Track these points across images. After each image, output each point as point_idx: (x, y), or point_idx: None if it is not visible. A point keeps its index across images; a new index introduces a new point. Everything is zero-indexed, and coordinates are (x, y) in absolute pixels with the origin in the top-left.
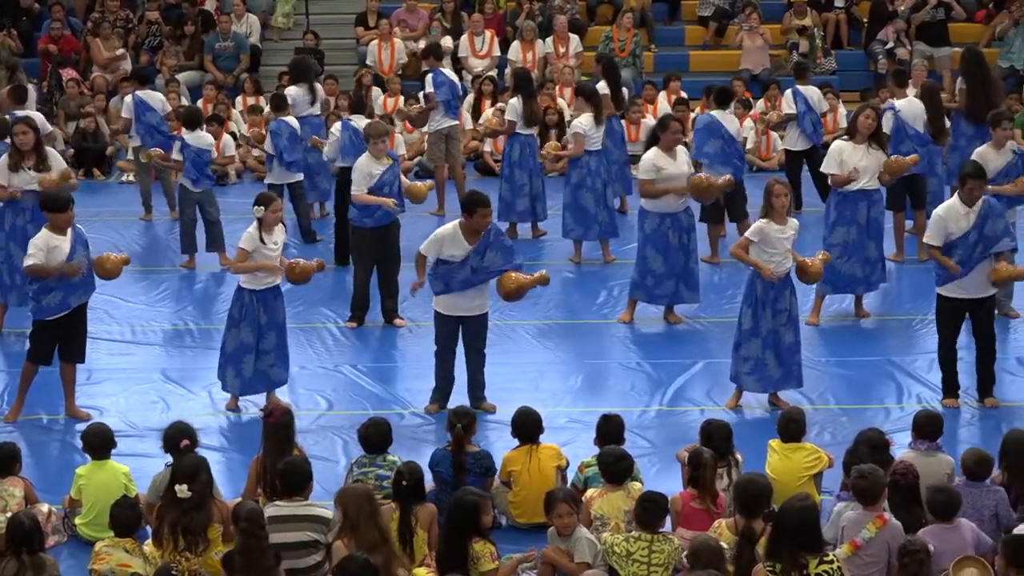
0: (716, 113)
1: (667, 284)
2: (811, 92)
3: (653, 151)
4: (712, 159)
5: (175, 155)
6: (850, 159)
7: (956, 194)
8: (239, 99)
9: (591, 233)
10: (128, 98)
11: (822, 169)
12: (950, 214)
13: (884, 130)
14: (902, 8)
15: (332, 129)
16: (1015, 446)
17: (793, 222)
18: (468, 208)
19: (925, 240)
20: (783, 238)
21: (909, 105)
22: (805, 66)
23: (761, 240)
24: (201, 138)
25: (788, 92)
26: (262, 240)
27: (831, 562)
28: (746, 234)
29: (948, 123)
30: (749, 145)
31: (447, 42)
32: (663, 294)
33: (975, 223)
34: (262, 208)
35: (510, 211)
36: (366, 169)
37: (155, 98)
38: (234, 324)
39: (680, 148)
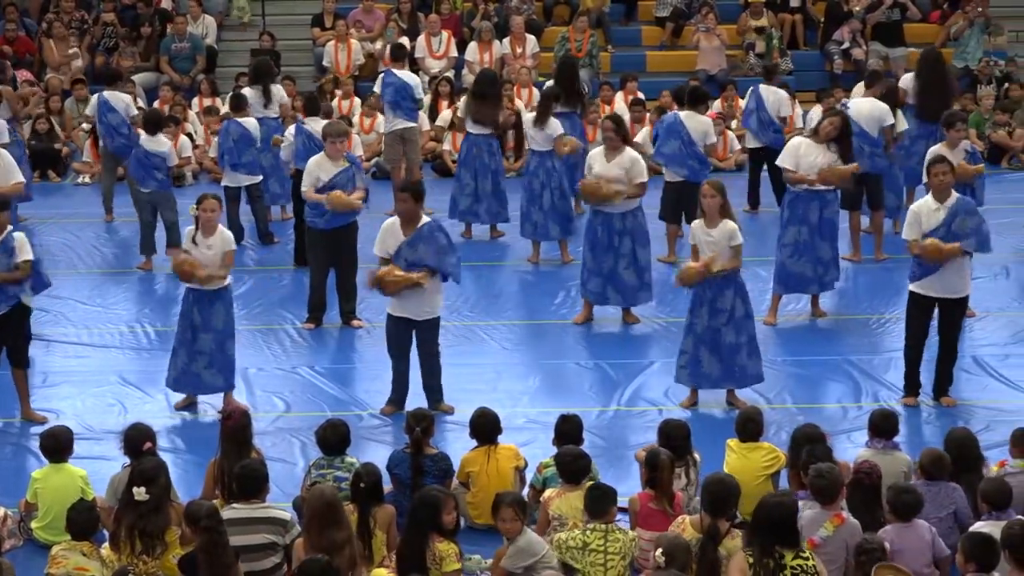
0: (683, 114)
1: (595, 281)
2: (769, 92)
3: (598, 150)
4: (669, 160)
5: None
6: (806, 155)
7: (929, 190)
8: (195, 100)
9: (525, 231)
10: (94, 98)
11: (777, 162)
12: (923, 209)
13: None
14: (857, 9)
15: (287, 132)
16: (955, 443)
17: (727, 225)
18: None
19: (903, 236)
20: (709, 240)
21: (860, 105)
22: (773, 67)
23: (696, 242)
24: (159, 142)
25: (750, 90)
26: (194, 241)
27: (807, 558)
28: (689, 240)
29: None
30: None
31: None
32: (593, 290)
33: (944, 219)
34: (194, 207)
35: (452, 209)
36: (316, 169)
37: (120, 99)
38: (179, 320)
39: (628, 149)
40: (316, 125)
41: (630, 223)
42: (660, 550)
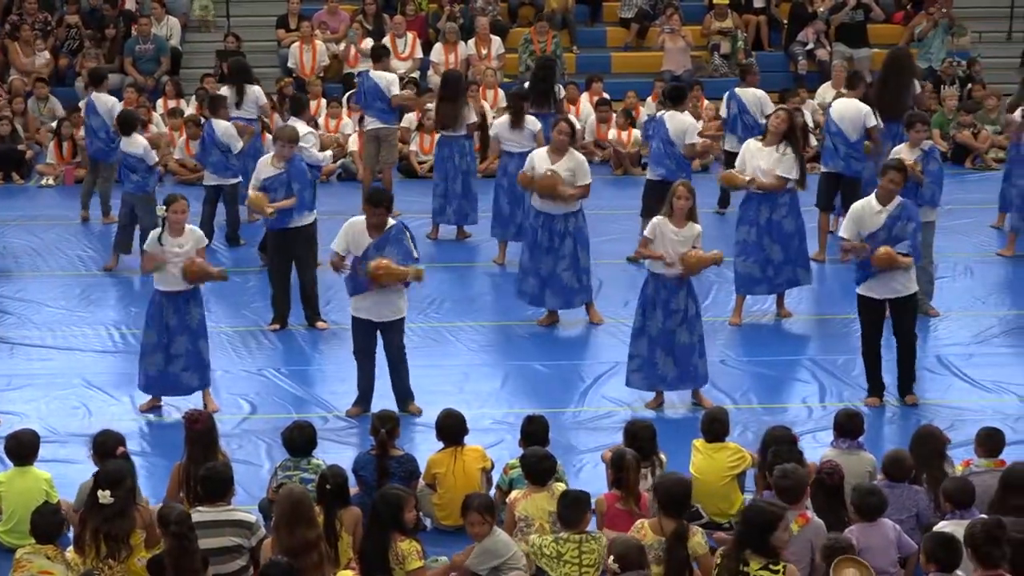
0: (667, 114)
1: (531, 282)
2: (749, 94)
3: (542, 150)
4: (650, 158)
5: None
6: (753, 158)
7: (876, 190)
8: (160, 102)
9: (508, 234)
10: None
11: (736, 166)
12: (864, 210)
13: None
14: (821, 9)
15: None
16: (919, 441)
17: (694, 228)
18: (368, 201)
19: (840, 234)
20: (677, 240)
21: (842, 106)
22: (748, 68)
23: (657, 238)
24: (134, 142)
25: (726, 95)
26: (160, 242)
27: (777, 571)
28: (644, 232)
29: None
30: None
31: (367, 44)
32: (527, 291)
33: (885, 223)
34: (164, 208)
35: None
36: (260, 168)
37: (104, 102)
38: (147, 324)
39: (574, 152)
40: (299, 126)
41: (572, 225)
42: (612, 557)
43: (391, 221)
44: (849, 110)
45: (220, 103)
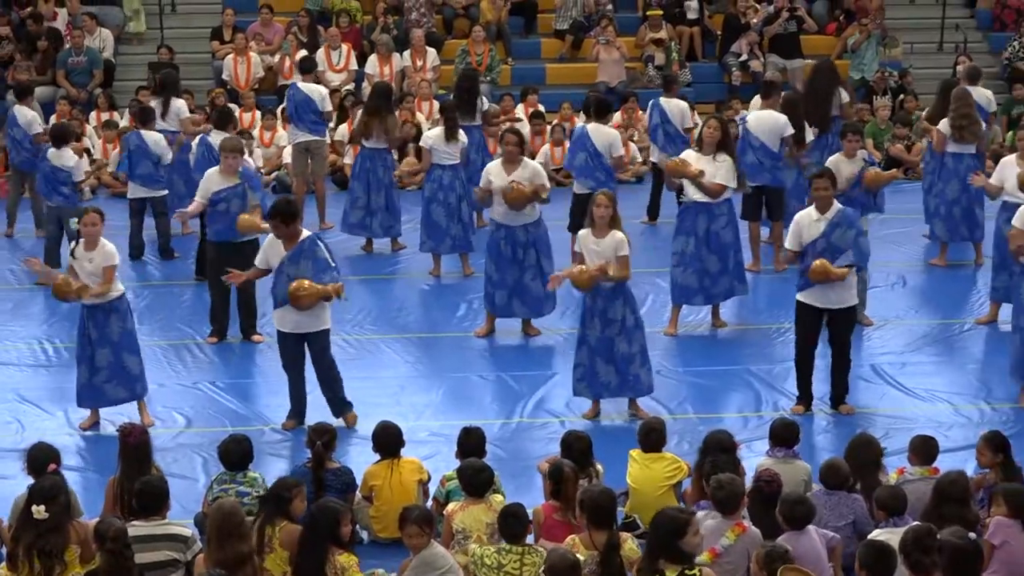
0: (590, 126)
1: (500, 294)
2: (672, 105)
3: (496, 163)
4: (578, 172)
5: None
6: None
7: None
8: (93, 115)
9: (443, 247)
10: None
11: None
12: (804, 220)
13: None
14: (755, 21)
15: (193, 143)
16: (854, 449)
17: (615, 236)
18: (275, 214)
19: (784, 245)
20: (596, 250)
21: (759, 118)
22: (672, 79)
23: (582, 249)
24: (64, 156)
25: (649, 104)
26: (73, 255)
27: (694, 574)
28: (573, 248)
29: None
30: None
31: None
32: (498, 303)
33: (824, 231)
34: (76, 220)
35: (343, 222)
36: (208, 182)
37: (25, 114)
38: (77, 336)
39: (526, 160)
40: (219, 138)
41: (533, 234)
42: (543, 570)
43: (305, 233)
44: (767, 121)
45: (150, 115)
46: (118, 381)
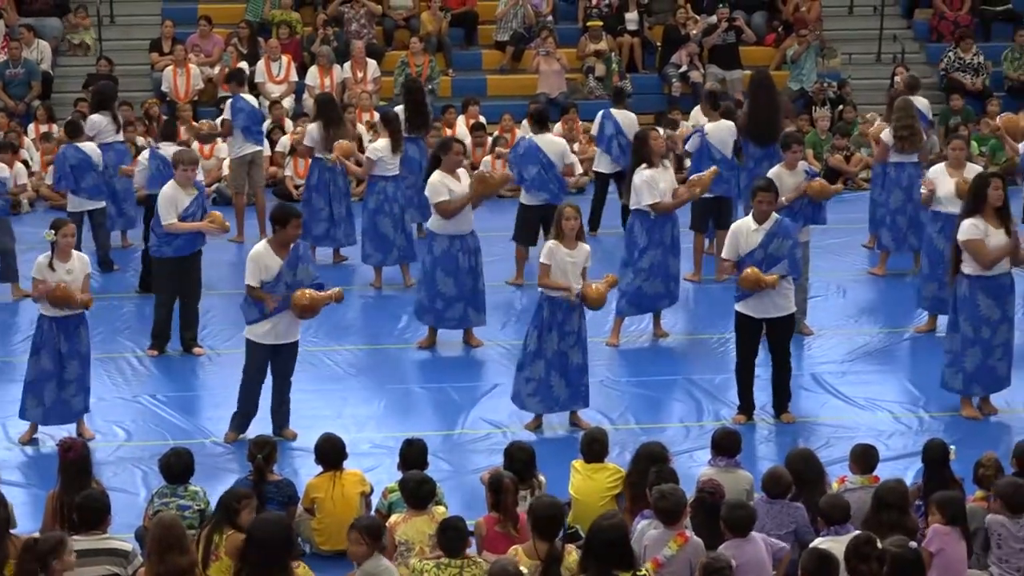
0: (537, 138)
1: (456, 307)
2: (624, 116)
3: (438, 173)
4: (531, 184)
5: None
6: (659, 182)
7: (751, 211)
8: (31, 127)
9: (390, 258)
10: None
11: (641, 205)
12: (741, 230)
13: (690, 150)
14: (694, 32)
15: (140, 157)
16: (795, 462)
17: (584, 247)
18: (281, 220)
19: (721, 255)
20: (571, 261)
21: (717, 128)
22: (622, 90)
23: (552, 263)
24: None
25: (599, 115)
26: (52, 267)
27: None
28: (540, 259)
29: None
30: None
31: (245, 68)
32: (452, 317)
33: (761, 241)
34: (53, 232)
35: (307, 234)
36: (172, 198)
37: None
38: (35, 352)
39: (461, 170)
40: (170, 150)
41: (477, 243)
42: None
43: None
44: (723, 131)
45: (78, 128)
46: (83, 393)
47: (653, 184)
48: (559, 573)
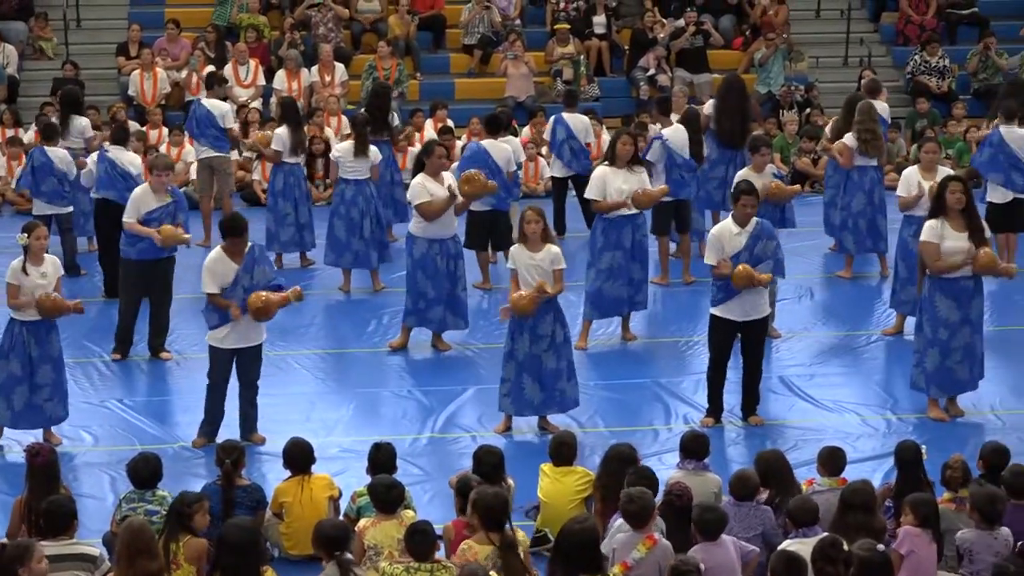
0: (486, 142)
1: (436, 309)
2: (576, 120)
3: (421, 176)
4: None
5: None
6: (611, 182)
7: (731, 214)
8: None
9: (343, 261)
10: None
11: (586, 195)
12: (723, 233)
13: (653, 159)
14: (662, 36)
15: (88, 160)
16: (765, 464)
17: (552, 249)
18: (232, 232)
19: (705, 260)
20: (534, 264)
21: (675, 132)
22: (574, 94)
23: (516, 267)
24: None
25: (551, 119)
26: (25, 271)
27: None
28: (508, 265)
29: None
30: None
31: (226, 73)
32: (433, 319)
33: (746, 244)
34: (25, 235)
35: (274, 241)
36: (139, 199)
37: None
38: (3, 355)
39: (445, 173)
40: (121, 154)
41: (458, 245)
42: None
43: (248, 243)
44: (680, 134)
45: (53, 131)
46: (59, 399)
47: (601, 182)
48: (519, 559)
